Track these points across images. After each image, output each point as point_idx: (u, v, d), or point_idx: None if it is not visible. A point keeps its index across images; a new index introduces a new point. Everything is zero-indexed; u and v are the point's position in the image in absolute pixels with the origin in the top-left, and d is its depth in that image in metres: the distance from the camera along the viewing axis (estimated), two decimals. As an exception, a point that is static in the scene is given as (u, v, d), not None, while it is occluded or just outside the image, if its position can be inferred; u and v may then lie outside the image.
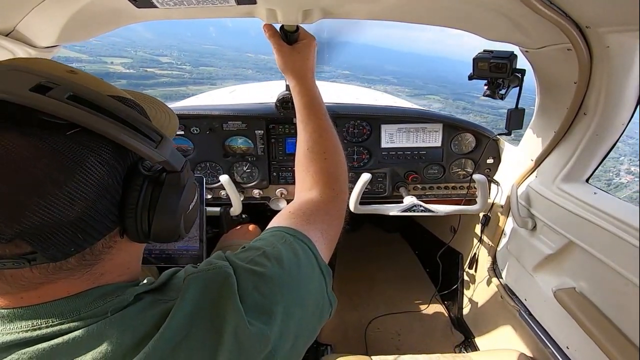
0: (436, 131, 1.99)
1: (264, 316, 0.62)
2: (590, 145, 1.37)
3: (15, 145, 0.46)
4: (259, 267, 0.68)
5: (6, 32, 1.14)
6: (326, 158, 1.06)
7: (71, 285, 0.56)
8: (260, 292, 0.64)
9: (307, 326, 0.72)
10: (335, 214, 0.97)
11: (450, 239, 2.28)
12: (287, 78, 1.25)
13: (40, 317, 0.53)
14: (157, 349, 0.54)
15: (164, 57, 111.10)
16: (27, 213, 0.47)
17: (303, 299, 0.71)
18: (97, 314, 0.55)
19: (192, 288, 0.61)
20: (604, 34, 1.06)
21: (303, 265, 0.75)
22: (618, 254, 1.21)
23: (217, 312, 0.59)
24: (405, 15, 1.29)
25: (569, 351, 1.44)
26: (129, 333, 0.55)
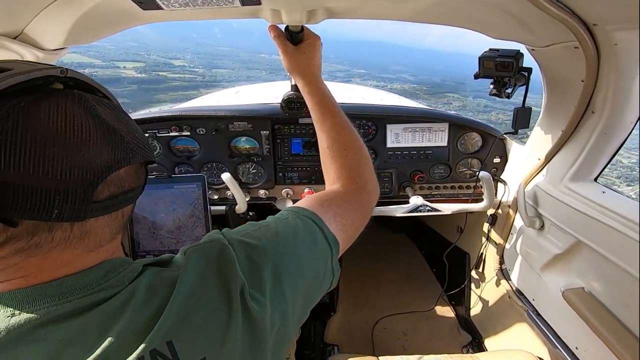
0: (442, 130, 1.99)
1: (257, 283, 0.66)
2: (599, 144, 1.36)
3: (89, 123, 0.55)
4: (252, 240, 0.72)
5: (14, 34, 1.15)
6: (346, 155, 1.06)
7: (78, 259, 0.59)
8: (250, 261, 0.68)
9: (306, 293, 0.75)
10: (355, 203, 0.97)
11: (457, 238, 2.27)
12: (294, 79, 1.25)
13: (63, 292, 0.56)
14: (174, 313, 0.58)
15: (177, 61, 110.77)
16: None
17: (299, 267, 0.74)
18: (114, 284, 0.59)
19: (194, 259, 0.65)
20: (612, 31, 1.05)
21: (301, 236, 0.78)
22: (627, 253, 1.19)
23: (223, 278, 0.63)
24: (410, 15, 1.29)
25: (578, 352, 1.43)
26: (149, 299, 0.59)
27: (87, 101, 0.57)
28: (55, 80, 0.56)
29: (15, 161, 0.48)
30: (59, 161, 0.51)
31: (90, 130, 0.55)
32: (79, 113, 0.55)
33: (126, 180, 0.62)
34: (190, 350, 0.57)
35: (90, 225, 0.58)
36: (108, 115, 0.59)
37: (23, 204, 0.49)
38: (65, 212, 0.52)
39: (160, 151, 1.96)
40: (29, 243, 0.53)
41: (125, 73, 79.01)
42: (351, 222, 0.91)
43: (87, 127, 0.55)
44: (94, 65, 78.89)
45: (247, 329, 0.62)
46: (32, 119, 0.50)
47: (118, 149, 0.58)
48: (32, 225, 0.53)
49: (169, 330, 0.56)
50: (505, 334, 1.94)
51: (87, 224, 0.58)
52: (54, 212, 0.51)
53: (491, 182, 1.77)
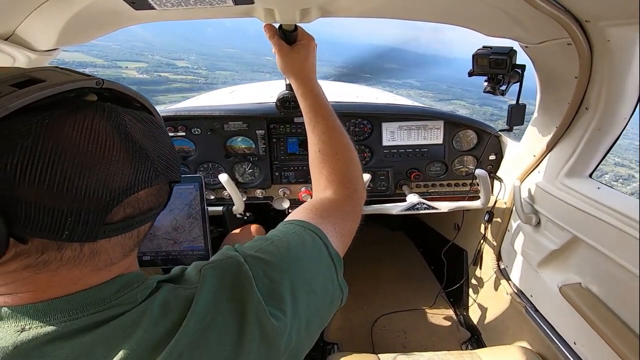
0: (437, 128, 1.99)
1: (276, 301, 0.65)
2: (593, 140, 1.36)
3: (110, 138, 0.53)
4: (266, 255, 0.71)
5: (5, 36, 1.15)
6: (338, 159, 1.05)
7: (88, 277, 0.57)
8: (269, 278, 0.67)
9: (318, 311, 0.74)
10: (349, 210, 0.97)
11: (455, 236, 2.27)
12: (289, 79, 1.25)
13: (74, 307, 0.54)
14: (188, 333, 0.56)
15: (181, 61, 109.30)
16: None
17: (310, 284, 0.73)
18: (127, 301, 0.57)
19: (210, 277, 0.63)
20: (604, 27, 1.05)
21: (309, 252, 0.77)
22: (623, 249, 1.20)
23: (238, 298, 0.62)
24: (403, 12, 1.29)
25: (576, 347, 1.43)
26: (162, 317, 0.57)
27: (117, 116, 0.55)
28: (90, 91, 0.55)
29: (30, 178, 0.47)
30: (76, 182, 0.49)
31: (114, 147, 0.53)
32: (105, 129, 0.53)
33: (145, 201, 0.59)
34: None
35: (102, 245, 0.57)
36: (138, 131, 0.57)
37: (35, 222, 0.48)
38: (76, 233, 0.51)
39: None
40: (37, 260, 0.52)
41: (127, 73, 78.13)
42: (348, 230, 0.92)
43: (110, 145, 0.53)
44: (96, 65, 78.05)
45: (262, 350, 0.61)
46: (54, 136, 0.48)
47: (141, 169, 0.56)
48: (42, 243, 0.51)
49: (182, 352, 0.55)
50: (504, 330, 1.94)
51: (98, 244, 0.56)
52: (65, 233, 0.50)
53: (487, 179, 1.77)
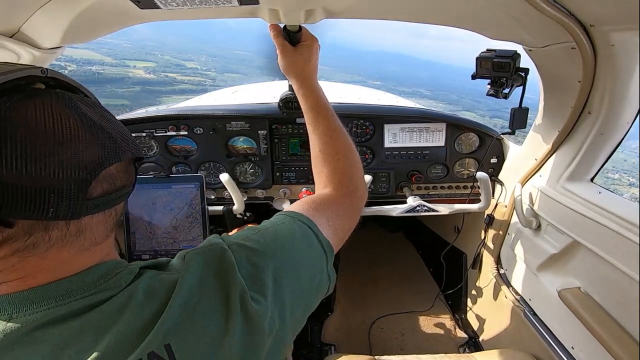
0: (439, 131, 1.99)
1: (257, 286, 0.67)
2: (595, 145, 1.36)
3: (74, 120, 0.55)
4: (251, 243, 0.73)
5: (10, 33, 1.15)
6: (339, 159, 1.07)
7: (75, 259, 0.59)
8: (252, 264, 0.69)
9: (303, 298, 0.76)
10: (346, 207, 0.99)
11: (454, 238, 2.28)
12: (290, 80, 1.25)
13: (61, 294, 0.56)
14: (174, 315, 0.58)
15: (190, 62, 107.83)
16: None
17: (297, 271, 0.75)
18: (111, 286, 0.60)
19: (194, 262, 0.66)
20: (609, 32, 1.06)
21: (298, 240, 0.79)
22: (623, 254, 1.20)
23: (222, 282, 0.64)
24: (409, 15, 1.29)
25: (574, 351, 1.43)
26: (147, 301, 0.59)
27: (70, 100, 0.57)
28: (37, 80, 0.57)
29: (7, 161, 0.48)
30: (50, 159, 0.51)
31: (78, 128, 0.55)
32: (65, 112, 0.55)
33: (117, 177, 0.62)
34: (188, 353, 0.58)
35: (86, 223, 0.59)
36: (93, 114, 0.60)
37: (18, 203, 0.50)
38: (61, 210, 0.53)
39: (157, 151, 1.95)
40: (26, 243, 0.53)
41: (133, 72, 77.34)
42: (342, 226, 0.93)
43: (74, 126, 0.55)
44: (104, 63, 77.47)
45: (245, 332, 0.62)
46: (20, 119, 0.51)
47: (106, 144, 0.59)
48: (29, 225, 0.53)
49: (167, 334, 0.57)
50: (502, 334, 1.95)
51: (82, 221, 0.58)
52: (50, 211, 0.52)
53: (488, 182, 1.77)
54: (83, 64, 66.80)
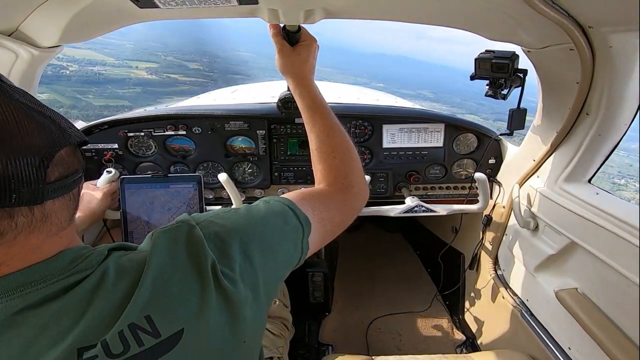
0: (438, 131, 1.99)
1: (226, 260, 0.69)
2: (593, 146, 1.37)
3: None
4: (220, 220, 0.76)
5: (9, 32, 1.14)
6: (335, 156, 1.08)
7: (44, 244, 0.62)
8: (220, 239, 0.71)
9: (277, 271, 0.80)
10: (337, 201, 1.00)
11: (452, 239, 2.28)
12: (286, 79, 1.26)
13: (35, 279, 0.59)
14: (148, 289, 0.62)
15: (193, 64, 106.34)
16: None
17: (269, 246, 0.78)
18: (84, 267, 0.62)
19: (162, 239, 0.69)
20: (607, 33, 1.06)
21: (271, 216, 0.82)
22: (620, 255, 1.20)
23: (194, 257, 0.67)
24: (407, 15, 1.29)
25: (571, 352, 1.44)
26: (120, 279, 0.63)
27: (4, 89, 0.58)
28: None
29: None
30: (3, 148, 0.53)
31: (21, 115, 0.57)
32: (3, 100, 0.56)
33: (69, 162, 0.64)
34: (169, 322, 0.61)
35: (50, 207, 0.60)
36: (28, 101, 0.61)
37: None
38: (24, 196, 0.54)
39: (155, 150, 1.95)
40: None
41: (135, 73, 76.63)
42: (330, 218, 0.94)
43: (17, 113, 0.56)
44: (105, 63, 77.03)
45: (221, 302, 0.66)
46: None
47: (52, 129, 0.61)
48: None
49: (145, 305, 0.60)
50: (499, 334, 1.95)
51: (46, 206, 0.59)
52: (13, 197, 0.53)
53: (486, 183, 1.78)
54: (85, 65, 66.40)
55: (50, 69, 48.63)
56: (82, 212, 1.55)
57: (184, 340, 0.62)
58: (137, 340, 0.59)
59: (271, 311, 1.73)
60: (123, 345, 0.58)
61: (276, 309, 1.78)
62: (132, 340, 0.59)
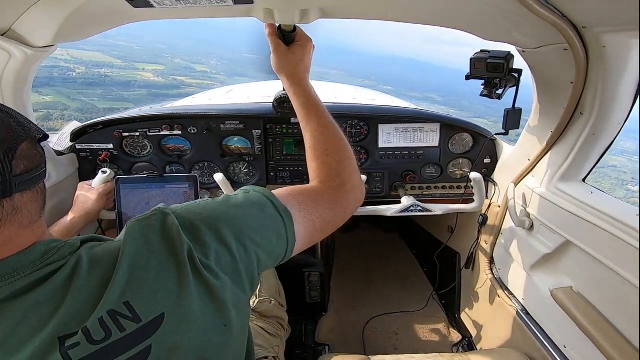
0: (433, 131, 2.00)
1: (200, 247, 0.70)
2: (587, 145, 1.37)
3: None
4: (195, 208, 0.77)
5: (2, 31, 1.14)
6: (328, 154, 1.08)
7: (17, 236, 0.63)
8: (193, 226, 0.72)
9: (259, 259, 0.80)
10: (328, 198, 0.99)
11: (448, 238, 2.28)
12: (281, 79, 1.26)
13: (9, 272, 0.60)
14: (125, 275, 0.63)
15: (200, 66, 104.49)
16: None
17: (247, 233, 0.78)
18: (57, 258, 0.64)
19: (136, 227, 0.70)
20: (601, 34, 1.07)
21: (247, 206, 0.82)
22: (615, 253, 1.21)
23: (168, 242, 0.68)
24: (402, 15, 1.29)
25: (566, 350, 1.44)
26: (94, 267, 0.64)
27: None
28: None
29: None
30: None
31: None
32: None
33: (32, 156, 0.65)
34: (148, 307, 0.63)
35: (19, 200, 0.62)
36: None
37: None
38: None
39: (150, 150, 1.94)
40: None
41: (141, 75, 75.39)
42: (319, 215, 0.94)
43: None
44: (112, 65, 76.00)
45: (199, 286, 0.67)
46: None
47: (12, 125, 0.63)
48: None
49: (123, 292, 0.62)
50: (495, 333, 1.96)
51: (14, 199, 0.61)
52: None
53: (482, 182, 1.78)
54: (92, 66, 65.93)
55: (57, 70, 48.15)
56: (77, 212, 1.55)
57: (166, 324, 0.63)
58: (118, 326, 0.60)
59: (267, 311, 1.73)
60: (104, 331, 0.60)
61: (272, 309, 1.78)
62: (113, 326, 0.60)
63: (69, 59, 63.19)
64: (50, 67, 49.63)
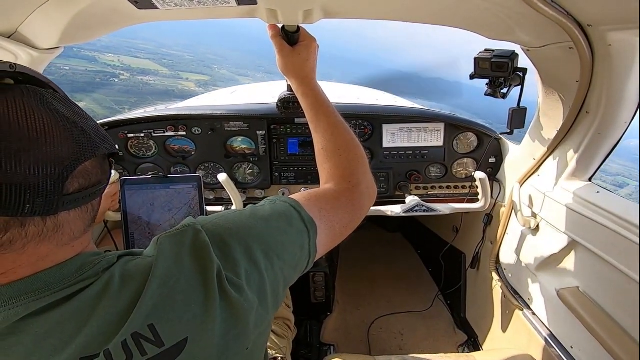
0: (438, 130, 1.99)
1: (230, 265, 0.67)
2: (593, 144, 1.36)
3: (46, 115, 0.56)
4: (225, 222, 0.74)
5: (8, 34, 1.14)
6: (340, 154, 1.07)
7: (54, 253, 0.60)
8: (224, 242, 0.69)
9: (283, 274, 0.77)
10: (345, 202, 0.97)
11: (453, 238, 2.28)
12: (288, 80, 1.26)
13: (39, 287, 0.57)
14: (153, 296, 0.60)
15: (245, 78, 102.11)
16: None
17: (274, 249, 0.75)
18: (89, 275, 0.61)
19: (168, 244, 0.67)
20: (606, 32, 1.06)
21: (276, 218, 0.79)
22: (622, 253, 1.20)
23: (198, 262, 0.65)
24: (406, 15, 1.29)
25: (573, 351, 1.43)
26: (124, 286, 0.61)
27: (42, 95, 0.58)
28: (5, 75, 0.57)
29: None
30: (25, 156, 0.52)
31: (51, 123, 0.56)
32: (37, 107, 0.55)
33: (93, 173, 0.63)
34: (172, 331, 0.60)
35: (63, 218, 0.59)
36: (65, 109, 0.60)
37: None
38: (37, 207, 0.53)
39: (155, 151, 1.95)
40: (2, 240, 0.54)
41: (183, 85, 73.20)
42: (339, 220, 0.92)
43: (47, 121, 0.55)
44: (157, 74, 74.41)
45: (225, 310, 0.64)
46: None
47: (81, 140, 0.60)
48: (4, 221, 0.53)
49: (149, 314, 0.59)
50: (501, 333, 1.95)
51: (59, 217, 0.58)
52: (26, 207, 0.52)
53: (487, 182, 1.77)
54: (137, 74, 65.09)
55: (101, 76, 47.51)
56: None
57: (188, 349, 0.61)
58: (140, 350, 0.58)
59: (275, 312, 1.74)
60: (126, 354, 0.57)
61: (280, 310, 1.78)
62: (135, 349, 0.58)
63: (117, 65, 62.43)
64: (95, 72, 48.49)
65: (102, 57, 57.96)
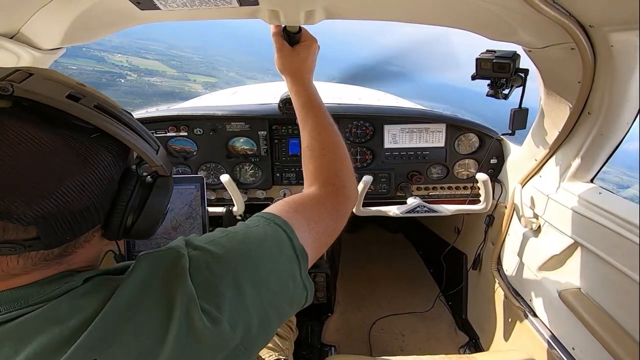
0: (439, 131, 1.99)
1: (212, 296, 0.62)
2: (595, 145, 1.36)
3: (48, 140, 0.54)
4: (215, 247, 0.69)
5: (10, 34, 1.15)
6: (325, 154, 1.06)
7: (41, 275, 0.60)
8: (210, 271, 0.65)
9: (274, 307, 0.71)
10: (330, 208, 0.95)
11: (455, 239, 2.28)
12: (284, 78, 1.25)
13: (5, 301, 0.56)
14: (103, 326, 0.55)
15: (252, 81, 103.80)
16: (49, 199, 0.53)
17: (263, 279, 0.70)
18: (48, 299, 0.58)
19: (142, 266, 0.64)
20: (608, 33, 1.05)
21: (267, 246, 0.74)
22: (623, 254, 1.20)
23: (167, 290, 0.60)
24: (408, 16, 1.29)
25: (575, 352, 1.43)
26: (75, 313, 0.57)
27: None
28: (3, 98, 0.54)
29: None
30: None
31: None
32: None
33: None
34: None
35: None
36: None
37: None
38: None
39: None
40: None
41: (189, 87, 72.22)
42: (324, 229, 0.89)
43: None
44: (165, 75, 73.84)
45: (187, 344, 0.58)
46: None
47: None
48: None
49: (93, 347, 0.54)
50: (502, 335, 1.94)
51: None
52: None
53: (489, 183, 1.77)
54: (144, 74, 64.46)
55: (108, 76, 47.09)
56: None
57: None
58: None
59: None
60: None
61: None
62: None
63: (125, 65, 61.93)
64: (101, 72, 47.86)
65: (110, 57, 57.50)
